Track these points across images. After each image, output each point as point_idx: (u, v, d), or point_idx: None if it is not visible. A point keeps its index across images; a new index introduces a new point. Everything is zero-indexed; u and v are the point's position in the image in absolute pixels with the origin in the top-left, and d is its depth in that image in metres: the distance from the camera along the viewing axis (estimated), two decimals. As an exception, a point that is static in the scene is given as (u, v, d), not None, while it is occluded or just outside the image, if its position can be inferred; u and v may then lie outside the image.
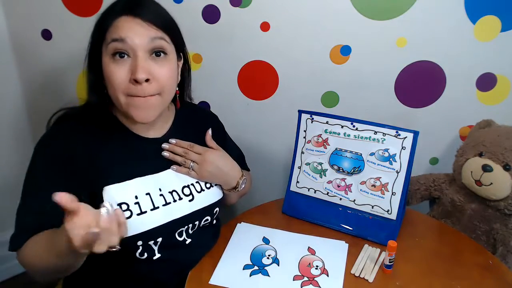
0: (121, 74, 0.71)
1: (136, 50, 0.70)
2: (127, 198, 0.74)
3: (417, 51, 1.14)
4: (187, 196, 0.83)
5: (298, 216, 0.98)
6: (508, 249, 1.00)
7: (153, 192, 0.78)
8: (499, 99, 1.17)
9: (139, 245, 0.75)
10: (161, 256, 0.78)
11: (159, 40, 0.73)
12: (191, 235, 0.84)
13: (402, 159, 0.88)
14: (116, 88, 0.72)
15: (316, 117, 0.97)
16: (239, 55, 1.22)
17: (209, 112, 1.03)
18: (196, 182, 0.86)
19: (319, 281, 0.79)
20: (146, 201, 0.76)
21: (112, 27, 0.71)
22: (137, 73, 0.69)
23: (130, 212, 0.74)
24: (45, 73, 1.31)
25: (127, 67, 0.71)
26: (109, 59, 0.71)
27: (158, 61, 0.73)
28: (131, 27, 0.70)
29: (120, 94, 0.72)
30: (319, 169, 0.97)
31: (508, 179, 0.96)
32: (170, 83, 0.76)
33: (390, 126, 0.89)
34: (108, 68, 0.71)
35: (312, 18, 1.14)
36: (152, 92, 0.73)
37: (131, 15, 0.71)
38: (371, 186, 0.92)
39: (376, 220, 0.91)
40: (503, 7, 1.06)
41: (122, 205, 0.74)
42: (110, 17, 0.72)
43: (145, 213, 0.75)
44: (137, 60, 0.70)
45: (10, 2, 1.22)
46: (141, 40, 0.70)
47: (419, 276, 0.81)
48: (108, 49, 0.71)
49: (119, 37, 0.70)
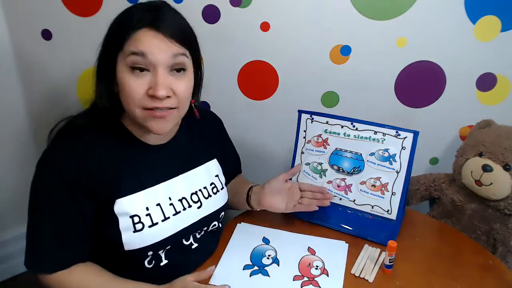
0: (139, 88, 0.68)
1: (157, 66, 0.68)
2: (138, 211, 0.74)
3: (417, 51, 1.14)
4: (195, 203, 0.82)
5: (298, 216, 0.98)
6: (508, 249, 1.00)
7: (163, 202, 0.78)
8: (499, 99, 1.17)
9: (149, 255, 0.76)
10: (168, 261, 0.79)
11: (181, 56, 0.70)
12: (198, 240, 0.84)
13: (402, 159, 0.88)
14: (133, 101, 0.69)
15: (316, 117, 0.97)
16: (239, 55, 1.22)
17: (214, 115, 1.00)
18: (204, 187, 0.85)
19: (319, 281, 0.79)
20: (157, 212, 0.76)
21: (131, 39, 0.68)
22: (158, 90, 0.67)
23: (142, 225, 0.73)
24: (45, 73, 1.31)
25: (146, 81, 0.69)
26: (127, 70, 0.69)
27: (177, 76, 0.71)
28: (153, 42, 0.67)
29: (137, 109, 0.70)
30: (319, 169, 0.97)
31: (508, 179, 0.96)
32: (187, 96, 0.74)
33: (390, 126, 0.89)
34: (125, 80, 0.69)
35: (312, 18, 1.14)
36: (171, 105, 0.71)
37: (152, 28, 0.67)
38: (371, 186, 0.92)
39: (376, 220, 0.91)
40: (503, 7, 1.06)
41: (134, 218, 0.73)
42: (130, 28, 0.68)
43: (156, 224, 0.75)
44: (158, 76, 0.68)
45: (10, 2, 1.22)
46: (163, 56, 0.68)
47: (419, 276, 0.81)
48: (126, 61, 0.68)
49: (140, 51, 0.67)
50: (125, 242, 0.72)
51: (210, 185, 0.86)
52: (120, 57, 0.69)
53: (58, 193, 0.71)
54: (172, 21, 0.70)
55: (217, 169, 0.90)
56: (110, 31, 0.72)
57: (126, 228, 0.72)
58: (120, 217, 0.72)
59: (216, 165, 0.90)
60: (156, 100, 0.69)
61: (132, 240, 0.72)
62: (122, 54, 0.69)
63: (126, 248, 0.72)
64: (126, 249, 0.72)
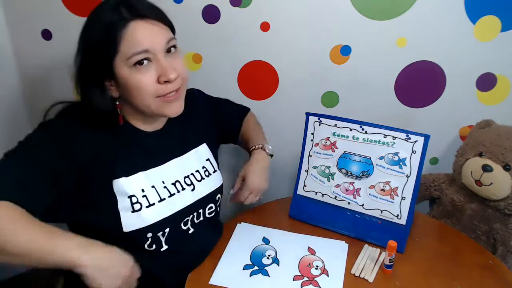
0: (149, 80, 0.71)
1: (157, 54, 0.71)
2: (135, 191, 0.76)
3: (417, 51, 1.14)
4: (189, 186, 0.84)
5: (305, 220, 0.97)
6: (508, 249, 1.00)
7: (158, 185, 0.80)
8: (499, 99, 1.17)
9: (148, 237, 0.77)
10: (168, 247, 0.80)
11: (172, 39, 0.74)
12: (196, 225, 0.85)
13: (413, 163, 0.87)
14: (146, 95, 0.72)
15: (324, 120, 0.95)
16: (239, 55, 1.22)
17: (192, 91, 0.98)
18: (196, 171, 0.87)
19: (319, 281, 0.79)
20: (152, 194, 0.78)
21: (125, 40, 0.68)
22: (169, 74, 0.71)
23: (140, 205, 0.75)
24: (45, 73, 1.31)
25: (152, 72, 0.72)
26: (131, 70, 0.70)
27: (173, 56, 0.75)
28: (147, 34, 0.70)
29: (151, 99, 0.73)
30: (326, 173, 0.96)
31: (508, 179, 0.96)
32: (186, 70, 0.78)
33: (400, 130, 0.87)
34: (133, 80, 0.71)
35: (312, 18, 1.14)
36: (180, 85, 0.75)
37: (137, 18, 0.69)
38: (380, 190, 0.90)
39: (385, 225, 0.90)
40: (503, 7, 1.06)
41: (132, 198, 0.75)
42: (117, 28, 0.68)
43: (153, 205, 0.77)
44: (162, 63, 0.71)
45: (10, 2, 1.22)
46: (160, 44, 0.71)
47: (419, 276, 0.81)
48: (129, 62, 0.70)
49: (142, 49, 0.69)
50: (124, 223, 0.73)
51: (202, 169, 0.89)
52: (118, 60, 0.70)
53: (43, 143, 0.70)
54: (145, 2, 0.73)
55: (208, 153, 0.92)
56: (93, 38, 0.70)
57: (124, 208, 0.74)
58: (119, 196, 0.74)
59: (206, 150, 0.92)
60: (169, 85, 0.73)
61: (130, 220, 0.74)
62: (120, 57, 0.70)
63: (125, 229, 0.73)
64: (125, 230, 0.73)
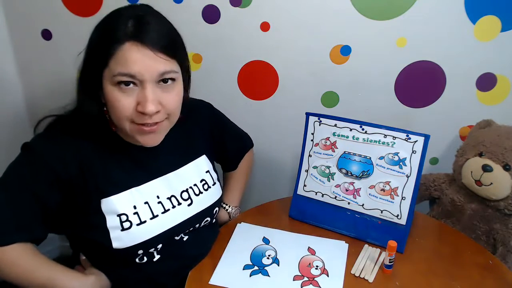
0: (127, 104, 0.67)
1: (145, 82, 0.66)
2: (125, 209, 0.74)
3: (417, 51, 1.14)
4: (185, 201, 0.82)
5: (305, 220, 0.97)
6: (508, 249, 1.00)
7: (151, 201, 0.77)
8: (499, 99, 1.17)
9: (139, 253, 0.76)
10: (160, 256, 0.79)
11: (169, 72, 0.68)
12: (189, 233, 0.84)
13: (413, 163, 0.87)
14: (121, 117, 0.68)
15: (324, 120, 0.95)
16: (239, 55, 1.22)
17: (202, 103, 0.97)
18: (194, 185, 0.85)
19: (319, 281, 0.79)
20: (145, 211, 0.76)
21: (116, 57, 0.65)
22: (147, 107, 0.66)
23: (129, 223, 0.73)
24: (45, 73, 1.31)
25: (133, 97, 0.67)
26: (114, 87, 0.67)
27: (166, 88, 0.69)
28: (139, 60, 0.65)
29: (126, 122, 0.69)
30: (327, 173, 0.96)
31: (508, 179, 0.96)
32: (177, 106, 0.73)
33: (401, 130, 0.87)
34: (112, 96, 0.67)
35: (312, 18, 1.14)
36: (160, 119, 0.70)
37: (137, 41, 0.65)
38: (380, 190, 0.90)
39: (385, 225, 0.90)
40: (503, 7, 1.06)
41: (122, 216, 0.73)
42: (114, 42, 0.65)
43: (144, 222, 0.75)
44: (146, 92, 0.66)
45: (10, 2, 1.22)
46: (151, 74, 0.66)
47: (419, 276, 0.81)
48: (113, 79, 0.66)
49: (128, 72, 0.65)
50: (113, 240, 0.72)
51: (200, 182, 0.86)
52: (106, 74, 0.67)
53: (29, 174, 0.70)
54: (157, 30, 0.67)
55: (208, 165, 0.90)
56: (93, 42, 0.69)
57: (113, 227, 0.72)
58: (108, 215, 0.72)
59: (205, 161, 0.90)
60: (145, 116, 0.68)
61: (120, 238, 0.72)
62: (108, 71, 0.67)
63: (115, 246, 0.72)
64: (114, 247, 0.72)
